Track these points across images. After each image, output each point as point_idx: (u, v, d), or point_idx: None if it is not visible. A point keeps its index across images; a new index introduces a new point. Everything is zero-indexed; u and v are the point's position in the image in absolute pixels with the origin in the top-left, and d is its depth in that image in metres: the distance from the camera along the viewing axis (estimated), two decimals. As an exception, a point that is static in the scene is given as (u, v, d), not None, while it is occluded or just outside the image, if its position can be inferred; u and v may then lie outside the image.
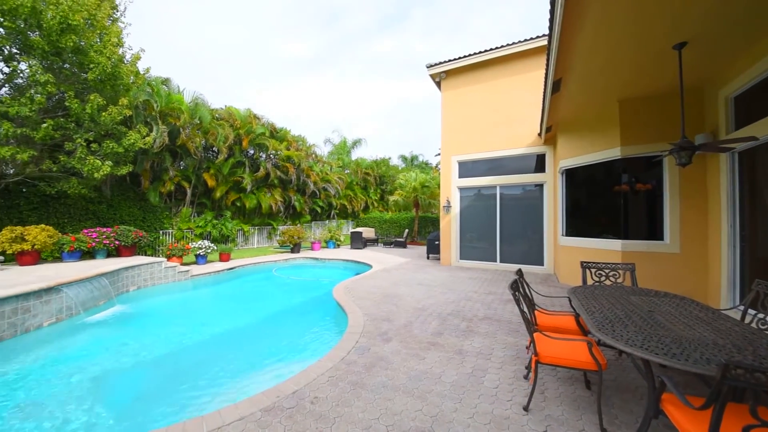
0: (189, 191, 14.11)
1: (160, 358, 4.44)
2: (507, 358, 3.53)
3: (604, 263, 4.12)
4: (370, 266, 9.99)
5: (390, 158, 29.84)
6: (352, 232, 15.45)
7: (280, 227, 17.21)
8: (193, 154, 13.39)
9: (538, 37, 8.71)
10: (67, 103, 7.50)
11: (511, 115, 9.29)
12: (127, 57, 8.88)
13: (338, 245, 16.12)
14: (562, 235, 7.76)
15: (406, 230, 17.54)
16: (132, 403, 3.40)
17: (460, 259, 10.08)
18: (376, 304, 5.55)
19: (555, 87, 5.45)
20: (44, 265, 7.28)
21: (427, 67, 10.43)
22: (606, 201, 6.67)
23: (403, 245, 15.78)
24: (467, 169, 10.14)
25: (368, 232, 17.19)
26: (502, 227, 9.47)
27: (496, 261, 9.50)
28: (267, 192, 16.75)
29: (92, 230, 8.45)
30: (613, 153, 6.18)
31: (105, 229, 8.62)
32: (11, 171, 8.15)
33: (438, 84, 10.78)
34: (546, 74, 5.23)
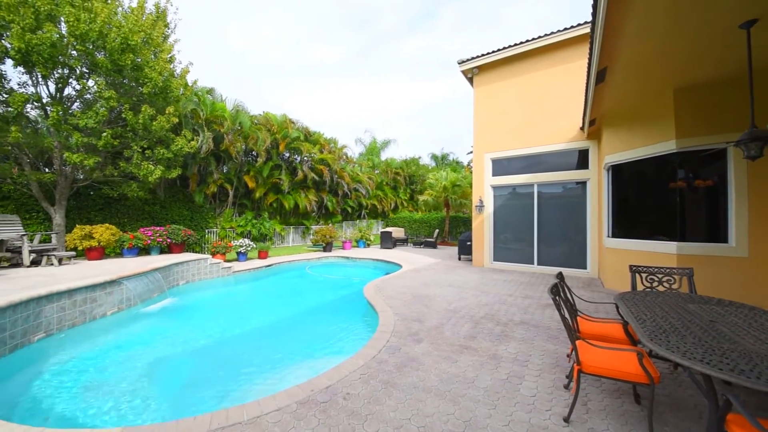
0: (231, 193, 15.03)
1: (206, 347, 4.78)
2: (545, 365, 3.36)
3: (656, 267, 3.78)
4: (399, 266, 10.00)
5: (420, 157, 29.64)
6: (381, 232, 15.54)
7: (314, 227, 17.77)
8: (234, 158, 14.26)
9: (579, 24, 8.18)
10: (123, 115, 8.33)
11: (550, 109, 8.82)
12: (177, 71, 9.66)
13: (368, 245, 16.29)
14: (608, 236, 7.22)
15: (437, 230, 17.32)
16: (181, 388, 3.69)
17: (494, 260, 9.75)
18: (407, 305, 5.54)
19: (599, 77, 5.09)
20: (108, 260, 8.13)
21: (459, 63, 10.21)
22: (659, 199, 6.10)
23: (433, 245, 15.60)
24: (502, 166, 9.78)
25: (398, 232, 17.19)
26: (540, 228, 9.01)
27: (533, 263, 9.07)
28: (302, 193, 17.37)
29: (148, 229, 9.31)
30: (667, 146, 5.63)
31: (159, 228, 9.46)
32: (81, 176, 9.20)
33: (470, 80, 10.51)
34: (589, 64, 4.90)
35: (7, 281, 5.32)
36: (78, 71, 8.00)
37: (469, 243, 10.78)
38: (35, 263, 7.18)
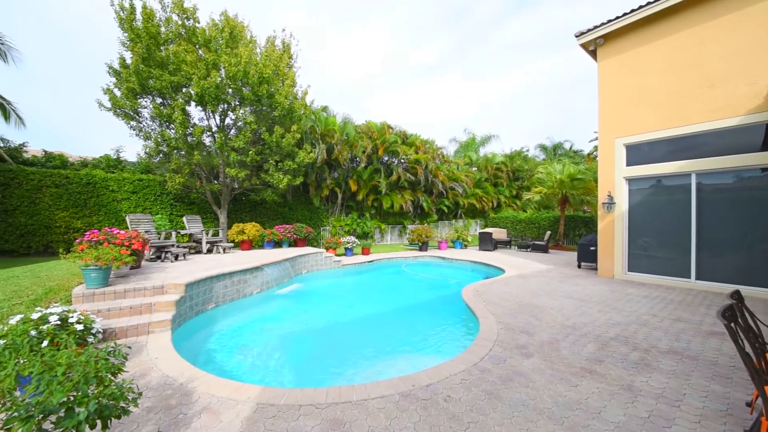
0: (340, 195, 16.83)
1: (322, 328, 5.53)
2: (709, 411, 2.57)
3: None
4: (502, 270, 9.25)
5: (527, 149, 26.81)
6: (480, 233, 14.71)
7: (410, 226, 18.22)
8: (343, 165, 15.93)
9: (770, -49, 5.92)
10: (262, 136, 10.34)
11: (714, 72, 6.67)
12: (298, 94, 11.41)
13: (465, 246, 15.66)
14: (828, 244, 4.99)
15: (548, 232, 15.26)
16: (304, 360, 4.37)
17: (628, 271, 7.98)
18: (512, 314, 5.09)
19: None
20: (254, 251, 10.22)
21: (577, 36, 8.74)
22: None
23: (543, 249, 13.85)
24: (640, 153, 7.92)
25: (499, 233, 15.95)
26: (701, 231, 6.92)
27: (689, 277, 7.04)
28: (398, 193, 18.05)
29: (281, 226, 11.33)
30: None
31: (288, 226, 11.42)
32: (236, 186, 11.87)
33: (593, 53, 8.89)
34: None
35: (193, 264, 7.30)
36: (232, 104, 10.35)
37: (593, 248, 9.15)
38: (209, 251, 9.61)
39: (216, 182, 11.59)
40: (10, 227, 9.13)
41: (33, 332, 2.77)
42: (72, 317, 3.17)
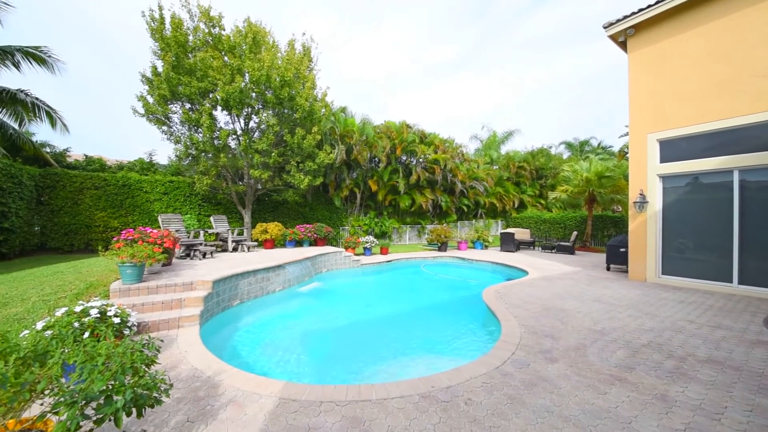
0: (359, 195, 16.96)
1: (342, 327, 5.60)
2: (755, 427, 2.38)
3: None
4: (525, 272, 8.99)
5: (550, 147, 25.92)
6: (502, 233, 14.34)
7: (429, 226, 18.08)
8: (362, 165, 16.04)
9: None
10: (284, 138, 10.58)
11: (765, 59, 6.16)
12: (318, 95, 11.59)
13: (486, 246, 15.32)
14: None
15: (575, 233, 14.67)
16: (325, 358, 4.44)
17: (663, 274, 7.52)
18: (535, 317, 4.94)
19: None
20: (276, 250, 10.49)
21: (605, 28, 8.34)
22: None
23: (569, 251, 13.32)
24: (676, 149, 7.45)
25: (522, 234, 15.49)
26: (745, 232, 6.42)
27: (731, 282, 6.55)
28: (417, 192, 17.95)
29: (301, 226, 11.57)
30: None
31: (308, 226, 11.64)
32: (259, 187, 12.23)
33: (622, 44, 8.45)
34: None
35: (220, 262, 7.59)
36: (256, 108, 10.66)
37: (623, 249, 8.70)
38: (234, 249, 9.96)
39: (241, 183, 11.99)
40: (56, 226, 9.87)
41: (76, 324, 2.98)
42: (110, 311, 3.38)
